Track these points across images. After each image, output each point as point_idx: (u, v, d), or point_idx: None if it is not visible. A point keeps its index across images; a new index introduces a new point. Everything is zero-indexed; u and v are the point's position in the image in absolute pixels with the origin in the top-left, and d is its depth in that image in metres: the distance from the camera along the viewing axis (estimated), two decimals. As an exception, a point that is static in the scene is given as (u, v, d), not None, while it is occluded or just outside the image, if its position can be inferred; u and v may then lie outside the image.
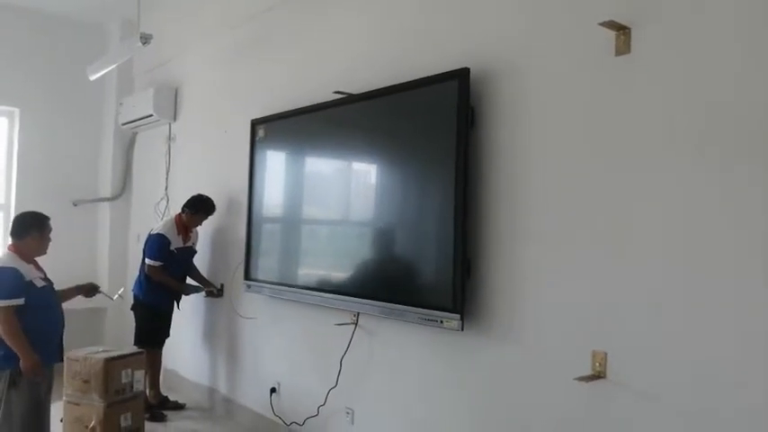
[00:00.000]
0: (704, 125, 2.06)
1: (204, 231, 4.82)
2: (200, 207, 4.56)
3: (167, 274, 4.50)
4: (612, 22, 2.24)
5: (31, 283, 3.11)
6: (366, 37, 3.52)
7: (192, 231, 4.67)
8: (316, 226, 3.93)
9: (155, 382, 4.63)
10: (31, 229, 3.22)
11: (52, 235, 3.31)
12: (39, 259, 3.30)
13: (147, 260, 4.52)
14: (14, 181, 5.81)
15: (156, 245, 4.49)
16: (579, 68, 2.44)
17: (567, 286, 2.45)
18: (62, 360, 3.46)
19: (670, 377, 2.12)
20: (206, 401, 4.84)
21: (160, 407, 4.62)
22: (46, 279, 3.27)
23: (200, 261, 4.80)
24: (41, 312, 3.15)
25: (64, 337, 3.36)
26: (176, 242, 4.52)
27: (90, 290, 3.66)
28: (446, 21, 3.03)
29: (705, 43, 2.07)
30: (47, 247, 3.31)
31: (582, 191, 2.41)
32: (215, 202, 4.61)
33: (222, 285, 4.69)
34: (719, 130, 2.03)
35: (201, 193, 4.62)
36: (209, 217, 4.64)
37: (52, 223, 3.31)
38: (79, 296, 3.62)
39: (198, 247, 4.77)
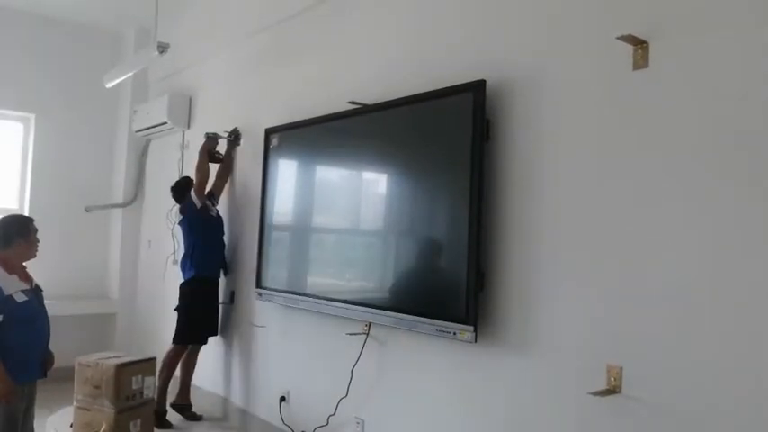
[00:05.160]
0: (724, 140, 2.06)
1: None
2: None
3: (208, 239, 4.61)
4: (630, 36, 2.25)
5: (10, 298, 2.91)
6: (382, 48, 3.54)
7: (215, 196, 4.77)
8: (328, 235, 3.94)
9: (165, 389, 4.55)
10: (16, 235, 3.06)
11: (63, 240, 3.22)
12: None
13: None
14: (28, 186, 5.82)
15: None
16: (596, 82, 2.44)
17: (582, 299, 2.44)
18: (45, 375, 3.16)
19: (687, 392, 2.10)
20: (218, 410, 4.83)
21: (182, 412, 4.61)
22: (33, 289, 3.10)
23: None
24: (21, 328, 2.96)
25: (65, 343, 3.18)
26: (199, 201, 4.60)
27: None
28: (463, 33, 3.04)
29: (723, 58, 2.07)
30: (36, 250, 3.15)
31: (598, 204, 2.41)
32: (226, 207, 4.72)
33: (233, 293, 4.71)
34: (739, 145, 2.02)
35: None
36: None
37: (65, 229, 3.25)
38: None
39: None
